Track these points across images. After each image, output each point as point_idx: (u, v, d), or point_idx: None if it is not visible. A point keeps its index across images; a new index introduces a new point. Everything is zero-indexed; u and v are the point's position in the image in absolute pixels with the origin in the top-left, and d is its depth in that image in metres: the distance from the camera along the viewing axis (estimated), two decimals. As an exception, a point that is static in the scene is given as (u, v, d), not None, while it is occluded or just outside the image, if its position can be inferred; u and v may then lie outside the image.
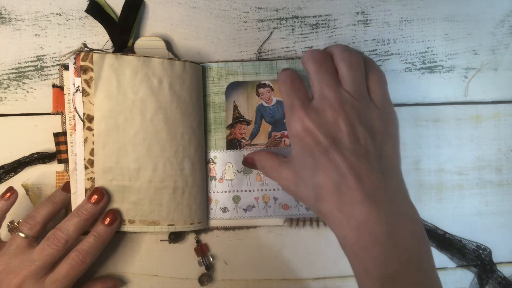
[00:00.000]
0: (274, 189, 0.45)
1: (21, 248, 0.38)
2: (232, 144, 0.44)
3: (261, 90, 0.44)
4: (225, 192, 0.45)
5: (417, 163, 0.48)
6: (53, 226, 0.39)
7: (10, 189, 0.41)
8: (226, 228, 0.46)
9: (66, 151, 0.44)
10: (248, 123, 0.44)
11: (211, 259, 0.46)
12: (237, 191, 0.45)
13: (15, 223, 0.40)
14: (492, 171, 0.48)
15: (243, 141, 0.44)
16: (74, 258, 0.38)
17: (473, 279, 0.47)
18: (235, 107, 0.44)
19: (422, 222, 0.35)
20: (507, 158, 0.48)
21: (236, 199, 0.45)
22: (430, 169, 0.48)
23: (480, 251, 0.46)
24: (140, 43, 0.44)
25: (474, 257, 0.46)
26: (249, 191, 0.45)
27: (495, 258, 0.47)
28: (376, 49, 0.48)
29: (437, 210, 0.47)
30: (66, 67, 0.44)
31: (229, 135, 0.44)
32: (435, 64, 0.48)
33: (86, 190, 0.40)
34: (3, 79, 0.45)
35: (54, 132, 0.45)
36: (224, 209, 0.45)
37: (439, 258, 0.47)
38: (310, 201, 0.36)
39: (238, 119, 0.44)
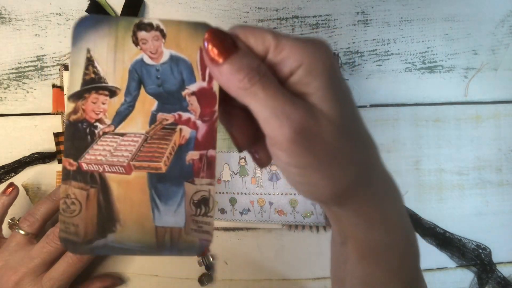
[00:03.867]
0: (269, 193, 0.44)
1: (21, 245, 0.39)
2: (76, 129, 0.24)
3: (142, 34, 0.24)
4: (223, 193, 0.45)
5: (417, 163, 0.48)
6: (53, 224, 0.39)
7: (11, 185, 0.41)
8: (226, 229, 0.46)
9: (66, 151, 0.44)
10: (112, 92, 0.24)
11: (211, 259, 0.46)
12: (233, 193, 0.45)
13: (16, 220, 0.41)
14: (492, 171, 0.48)
15: (100, 126, 0.24)
16: (71, 257, 0.38)
17: (473, 279, 0.47)
18: (89, 61, 0.24)
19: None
20: (507, 158, 0.48)
21: (232, 201, 0.45)
22: (430, 169, 0.48)
23: (480, 251, 0.46)
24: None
25: (473, 257, 0.46)
26: (245, 193, 0.45)
27: (495, 258, 0.47)
28: (376, 49, 0.48)
29: (437, 210, 0.47)
30: (66, 67, 0.44)
31: (73, 112, 0.24)
32: (435, 64, 0.48)
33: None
34: (3, 79, 0.45)
35: (54, 132, 0.45)
36: (222, 210, 0.45)
37: (439, 257, 0.47)
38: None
39: (94, 83, 0.24)
